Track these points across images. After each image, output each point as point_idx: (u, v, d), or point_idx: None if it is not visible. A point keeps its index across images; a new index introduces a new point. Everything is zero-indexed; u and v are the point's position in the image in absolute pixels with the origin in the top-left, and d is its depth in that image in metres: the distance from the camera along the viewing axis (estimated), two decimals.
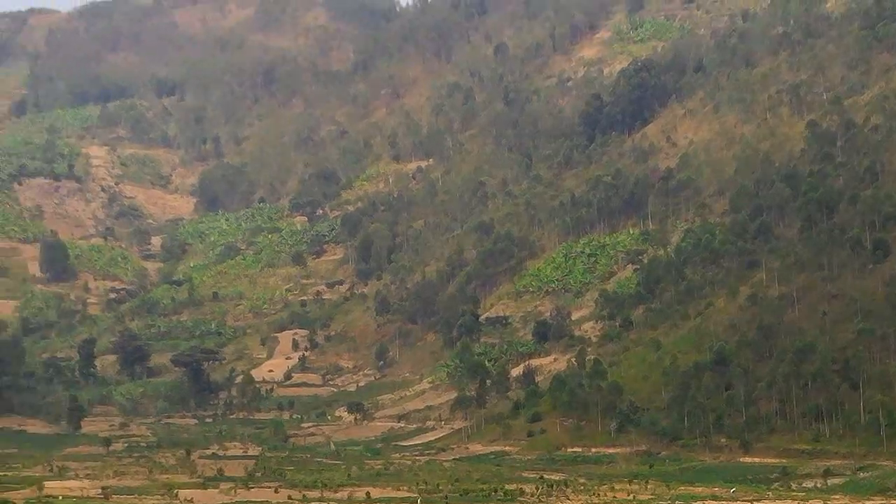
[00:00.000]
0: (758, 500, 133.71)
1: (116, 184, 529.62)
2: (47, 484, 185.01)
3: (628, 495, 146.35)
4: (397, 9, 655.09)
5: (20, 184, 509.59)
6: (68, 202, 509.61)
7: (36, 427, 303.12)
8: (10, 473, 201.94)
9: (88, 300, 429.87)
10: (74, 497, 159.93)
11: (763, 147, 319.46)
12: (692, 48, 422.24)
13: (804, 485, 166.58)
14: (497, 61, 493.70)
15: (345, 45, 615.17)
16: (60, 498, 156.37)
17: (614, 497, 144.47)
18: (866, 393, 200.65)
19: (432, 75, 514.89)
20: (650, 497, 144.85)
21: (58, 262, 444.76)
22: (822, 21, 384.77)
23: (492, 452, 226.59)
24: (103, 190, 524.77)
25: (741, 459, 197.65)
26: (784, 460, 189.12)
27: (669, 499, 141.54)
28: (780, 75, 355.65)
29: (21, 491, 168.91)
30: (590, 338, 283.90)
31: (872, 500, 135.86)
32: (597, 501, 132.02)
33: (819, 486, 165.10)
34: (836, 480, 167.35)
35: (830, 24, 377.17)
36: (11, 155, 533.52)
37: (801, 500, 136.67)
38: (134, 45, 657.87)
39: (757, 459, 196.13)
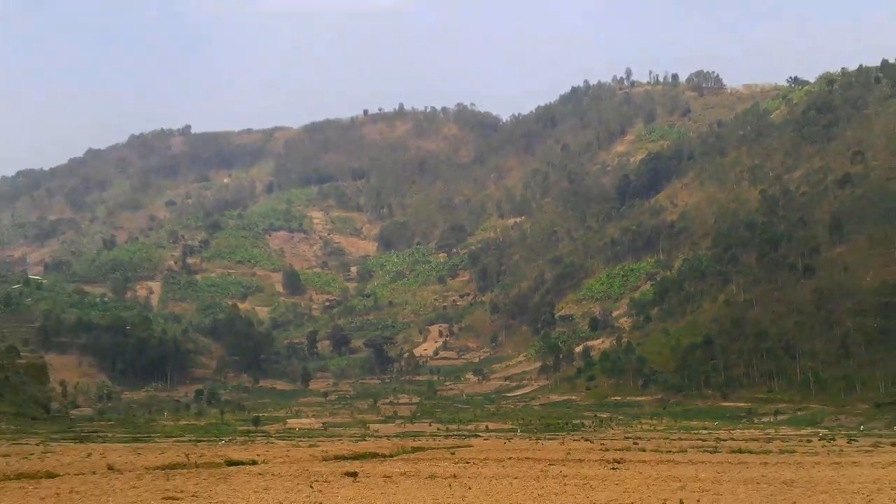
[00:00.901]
0: (732, 430, 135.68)
1: (328, 234, 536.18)
2: (289, 420, 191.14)
3: (650, 427, 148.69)
4: (500, 122, 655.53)
5: (270, 235, 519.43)
6: (299, 246, 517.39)
7: (281, 385, 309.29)
8: (265, 414, 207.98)
9: (312, 307, 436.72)
10: (306, 428, 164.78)
11: (732, 206, 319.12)
12: (686, 144, 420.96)
13: (762, 420, 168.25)
14: (563, 155, 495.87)
15: (468, 146, 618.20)
16: (297, 429, 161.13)
17: (641, 427, 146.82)
18: (801, 362, 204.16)
19: (522, 164, 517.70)
20: (664, 427, 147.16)
21: (293, 283, 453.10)
22: (768, 126, 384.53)
23: (563, 400, 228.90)
24: (320, 238, 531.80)
25: (721, 404, 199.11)
26: (749, 404, 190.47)
27: (677, 428, 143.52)
28: (741, 161, 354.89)
29: (273, 425, 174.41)
30: (624, 327, 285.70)
31: (805, 429, 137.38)
32: (630, 430, 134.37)
33: (771, 420, 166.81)
34: (782, 417, 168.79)
35: (774, 128, 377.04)
36: (265, 217, 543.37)
37: (761, 429, 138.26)
38: (338, 148, 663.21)
39: (731, 404, 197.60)
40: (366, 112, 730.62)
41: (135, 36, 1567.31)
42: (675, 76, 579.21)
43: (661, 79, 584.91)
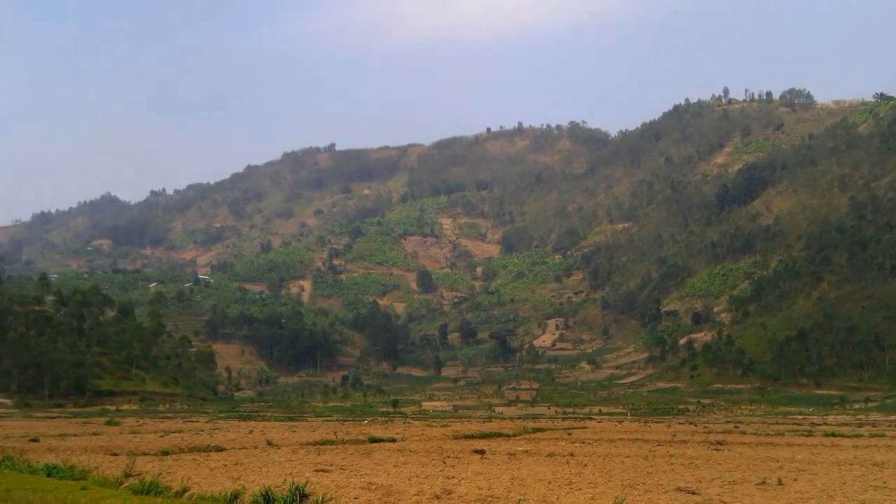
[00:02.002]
0: (825, 415, 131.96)
1: (456, 238, 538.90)
2: (423, 403, 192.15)
3: (749, 412, 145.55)
4: (609, 137, 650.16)
5: (405, 239, 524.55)
6: (431, 249, 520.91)
7: (416, 372, 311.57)
8: (403, 397, 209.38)
9: (443, 303, 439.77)
10: (438, 410, 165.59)
11: (823, 212, 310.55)
12: (780, 155, 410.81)
13: (854, 406, 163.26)
14: (666, 166, 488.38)
15: (580, 159, 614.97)
16: (430, 410, 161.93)
17: (741, 412, 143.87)
18: (889, 353, 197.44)
19: (629, 175, 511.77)
20: (763, 412, 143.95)
21: (426, 282, 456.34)
22: (856, 138, 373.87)
23: (669, 387, 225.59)
24: (449, 242, 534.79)
25: (815, 392, 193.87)
26: (841, 392, 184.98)
27: (775, 413, 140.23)
28: (832, 170, 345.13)
29: (409, 406, 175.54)
30: (724, 322, 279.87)
31: (894, 415, 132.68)
32: (731, 415, 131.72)
33: (862, 407, 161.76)
34: (872, 404, 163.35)
35: (862, 139, 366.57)
36: (400, 224, 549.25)
37: (852, 415, 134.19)
38: (465, 161, 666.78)
39: (824, 392, 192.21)
40: (488, 130, 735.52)
41: (285, 68, 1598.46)
42: (769, 94, 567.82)
43: (756, 96, 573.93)
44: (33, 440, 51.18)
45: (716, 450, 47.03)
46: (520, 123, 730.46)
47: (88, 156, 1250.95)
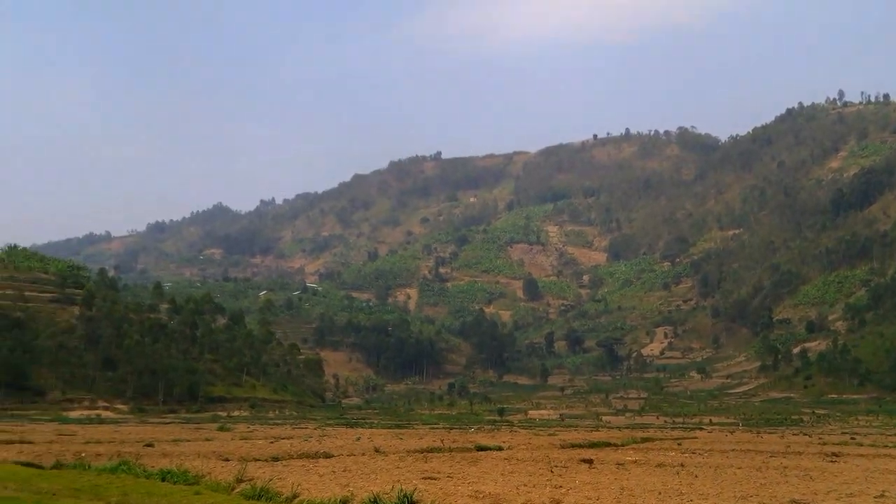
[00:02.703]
0: None
1: (563, 246, 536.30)
2: (530, 411, 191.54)
3: (866, 423, 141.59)
4: (719, 143, 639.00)
5: (511, 247, 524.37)
6: (537, 257, 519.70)
7: (523, 380, 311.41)
8: (509, 405, 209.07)
9: (549, 311, 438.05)
10: (545, 418, 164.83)
11: None
12: None
13: None
14: (779, 171, 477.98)
15: (689, 165, 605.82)
16: (537, 419, 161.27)
17: (857, 423, 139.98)
18: None
19: (740, 181, 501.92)
20: (880, 423, 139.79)
21: (532, 290, 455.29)
22: None
23: (782, 397, 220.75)
24: (556, 249, 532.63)
25: None
26: None
27: (893, 425, 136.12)
28: None
29: (516, 415, 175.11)
30: (839, 330, 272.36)
31: None
32: (847, 426, 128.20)
33: None
34: None
35: None
36: (506, 232, 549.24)
37: None
38: (571, 169, 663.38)
39: None
40: (595, 136, 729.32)
41: (390, 76, 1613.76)
42: (885, 96, 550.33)
43: (872, 98, 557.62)
44: (148, 445, 52.55)
45: (831, 461, 45.84)
46: (627, 129, 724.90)
47: (201, 167, 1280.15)
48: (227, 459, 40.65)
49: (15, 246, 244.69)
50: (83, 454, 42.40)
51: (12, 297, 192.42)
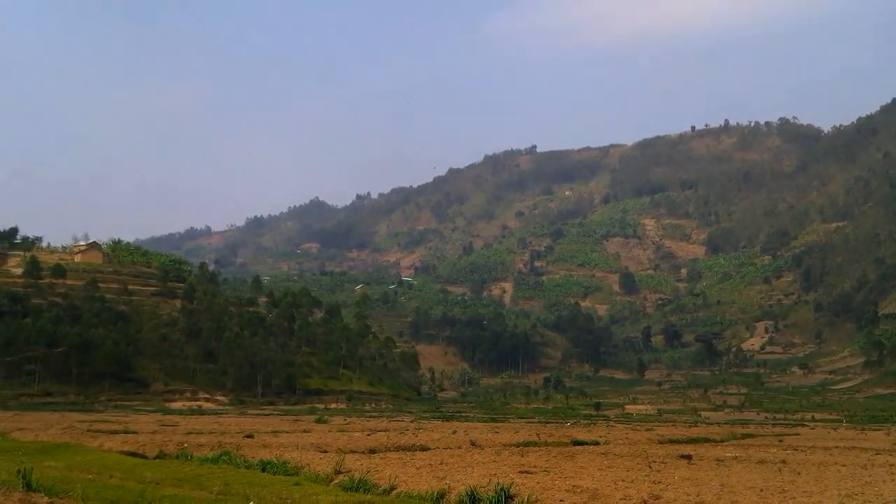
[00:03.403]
0: None
1: (660, 239, 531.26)
2: (626, 406, 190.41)
3: None
4: (822, 133, 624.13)
5: (607, 241, 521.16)
6: (633, 250, 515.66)
7: (619, 374, 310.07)
8: (605, 400, 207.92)
9: (646, 305, 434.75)
10: (642, 413, 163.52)
11: None
12: None
13: None
14: (885, 162, 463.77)
15: (790, 157, 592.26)
16: (634, 414, 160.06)
17: None
18: None
19: (844, 172, 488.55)
20: None
21: (629, 283, 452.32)
22: None
23: (888, 393, 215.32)
24: (652, 243, 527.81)
25: None
26: None
27: None
28: None
29: (612, 409, 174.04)
30: None
31: None
32: None
33: None
34: None
35: None
36: (602, 225, 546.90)
37: None
38: (668, 161, 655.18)
39: None
40: (693, 128, 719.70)
41: (485, 70, 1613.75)
42: None
43: None
44: (248, 436, 53.43)
45: None
46: (726, 121, 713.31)
47: (298, 163, 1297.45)
48: (324, 451, 41.13)
49: (119, 241, 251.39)
50: (185, 444, 43.33)
51: (117, 291, 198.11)
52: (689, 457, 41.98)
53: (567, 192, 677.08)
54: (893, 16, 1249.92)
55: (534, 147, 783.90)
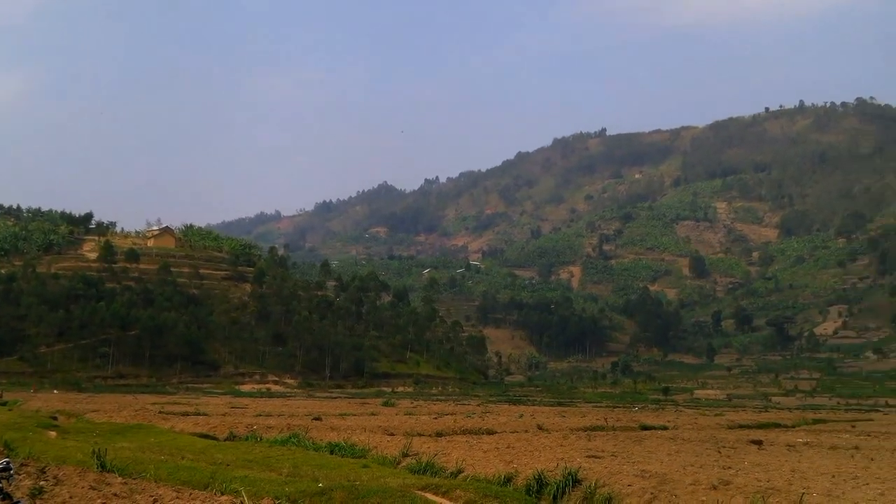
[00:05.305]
0: None
1: (731, 223, 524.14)
2: (695, 391, 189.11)
3: None
4: None
5: (677, 224, 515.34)
6: (704, 234, 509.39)
7: (688, 359, 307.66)
8: (673, 384, 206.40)
9: (716, 288, 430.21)
10: (711, 398, 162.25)
11: None
12: None
13: None
14: None
15: (868, 138, 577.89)
16: (703, 399, 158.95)
17: None
18: None
19: None
20: None
21: (699, 267, 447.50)
22: None
23: None
24: (724, 226, 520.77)
25: None
26: None
27: None
28: None
29: (681, 394, 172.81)
30: None
31: None
32: None
33: None
34: None
35: None
36: (672, 209, 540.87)
37: None
38: (741, 143, 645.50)
39: None
40: (767, 109, 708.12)
41: (556, 54, 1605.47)
42: None
43: None
44: (316, 419, 54.10)
45: None
46: (801, 101, 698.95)
47: (368, 147, 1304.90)
48: (392, 434, 41.51)
49: (191, 226, 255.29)
50: (255, 427, 44.01)
51: (188, 275, 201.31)
52: (759, 442, 41.63)
53: (637, 176, 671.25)
54: None
55: (604, 130, 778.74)
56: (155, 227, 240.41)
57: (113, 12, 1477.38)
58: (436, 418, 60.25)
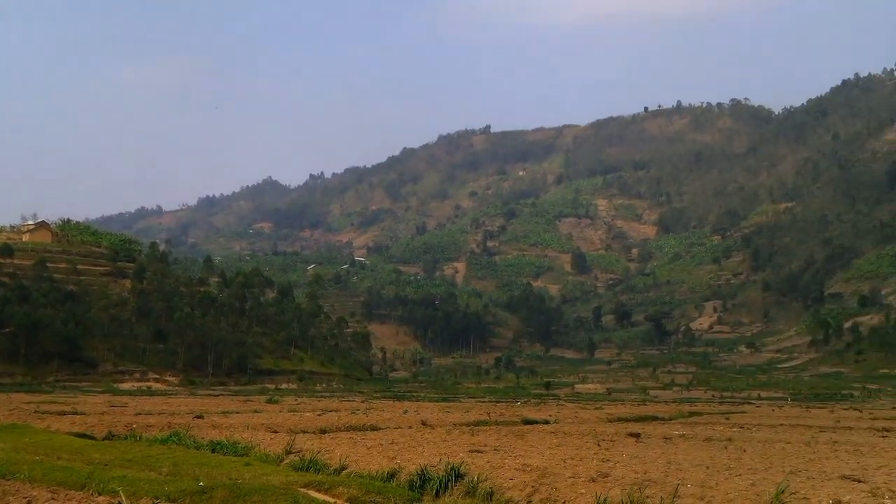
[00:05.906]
0: None
1: (612, 220, 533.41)
2: (576, 385, 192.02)
3: None
4: (773, 115, 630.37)
5: (559, 221, 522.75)
6: (585, 231, 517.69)
7: (570, 354, 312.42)
8: (556, 379, 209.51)
9: (597, 285, 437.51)
10: (592, 392, 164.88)
11: None
12: None
13: None
14: (833, 143, 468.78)
15: (742, 137, 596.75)
16: (583, 393, 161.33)
17: None
18: None
19: (794, 153, 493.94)
20: None
21: (580, 263, 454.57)
22: None
23: (833, 372, 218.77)
24: (604, 223, 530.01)
25: None
26: None
27: None
28: None
29: (563, 389, 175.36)
30: (893, 304, 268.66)
31: None
32: None
33: None
34: None
35: None
36: (555, 206, 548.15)
37: None
38: (621, 142, 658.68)
39: None
40: (646, 109, 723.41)
41: (440, 51, 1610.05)
42: None
43: None
44: (198, 417, 53.22)
45: (883, 437, 45.40)
46: (679, 102, 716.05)
47: (251, 141, 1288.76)
48: (275, 431, 41.11)
49: (69, 220, 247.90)
50: (134, 425, 43.11)
51: (66, 271, 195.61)
52: (637, 435, 42.44)
53: (521, 173, 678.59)
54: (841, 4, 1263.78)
55: (488, 127, 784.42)
56: (30, 222, 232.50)
57: None
58: (320, 415, 59.86)
